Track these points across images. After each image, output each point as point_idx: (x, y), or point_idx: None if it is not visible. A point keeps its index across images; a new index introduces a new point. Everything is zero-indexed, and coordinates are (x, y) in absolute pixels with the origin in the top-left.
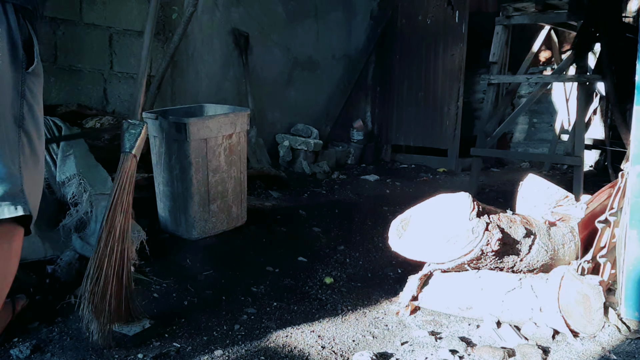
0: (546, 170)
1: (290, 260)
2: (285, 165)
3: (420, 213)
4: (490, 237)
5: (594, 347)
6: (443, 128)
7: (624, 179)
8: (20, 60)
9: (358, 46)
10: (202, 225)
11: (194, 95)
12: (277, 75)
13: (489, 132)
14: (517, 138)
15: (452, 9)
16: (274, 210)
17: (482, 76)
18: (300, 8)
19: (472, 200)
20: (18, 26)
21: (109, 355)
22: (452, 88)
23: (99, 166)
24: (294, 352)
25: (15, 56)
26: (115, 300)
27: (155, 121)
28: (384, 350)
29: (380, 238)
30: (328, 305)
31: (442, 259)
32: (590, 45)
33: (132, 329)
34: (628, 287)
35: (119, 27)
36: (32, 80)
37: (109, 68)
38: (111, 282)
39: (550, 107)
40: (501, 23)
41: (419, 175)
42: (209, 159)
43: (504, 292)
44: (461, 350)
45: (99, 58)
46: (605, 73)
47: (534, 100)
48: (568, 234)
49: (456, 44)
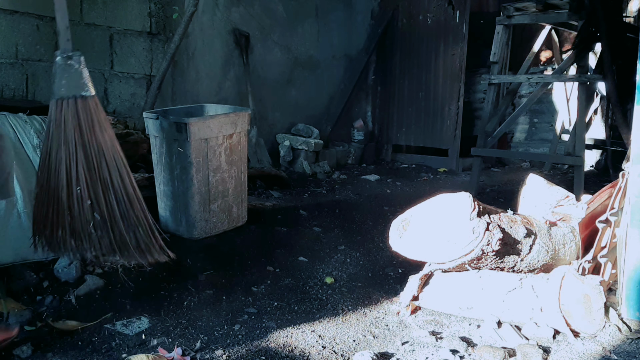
0: (547, 170)
1: (290, 260)
2: (286, 165)
3: (420, 213)
4: (490, 237)
5: (594, 347)
6: (444, 128)
7: (625, 178)
8: None
9: (359, 46)
10: (202, 225)
11: (194, 95)
12: (277, 75)
13: (490, 132)
14: (517, 138)
15: (453, 8)
16: (275, 210)
17: (483, 76)
18: (301, 8)
19: (472, 200)
20: None
21: (109, 354)
22: (453, 88)
23: None
24: (295, 352)
25: None
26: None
27: (155, 121)
28: (385, 350)
29: (380, 238)
30: (329, 305)
31: (442, 258)
32: (591, 45)
33: (132, 329)
34: (629, 287)
35: (119, 27)
36: None
37: (110, 68)
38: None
39: (550, 107)
40: (502, 23)
41: (420, 175)
42: (210, 159)
43: (505, 292)
44: (462, 350)
45: (100, 58)
46: (606, 73)
47: (535, 100)
48: (569, 233)
49: (457, 44)
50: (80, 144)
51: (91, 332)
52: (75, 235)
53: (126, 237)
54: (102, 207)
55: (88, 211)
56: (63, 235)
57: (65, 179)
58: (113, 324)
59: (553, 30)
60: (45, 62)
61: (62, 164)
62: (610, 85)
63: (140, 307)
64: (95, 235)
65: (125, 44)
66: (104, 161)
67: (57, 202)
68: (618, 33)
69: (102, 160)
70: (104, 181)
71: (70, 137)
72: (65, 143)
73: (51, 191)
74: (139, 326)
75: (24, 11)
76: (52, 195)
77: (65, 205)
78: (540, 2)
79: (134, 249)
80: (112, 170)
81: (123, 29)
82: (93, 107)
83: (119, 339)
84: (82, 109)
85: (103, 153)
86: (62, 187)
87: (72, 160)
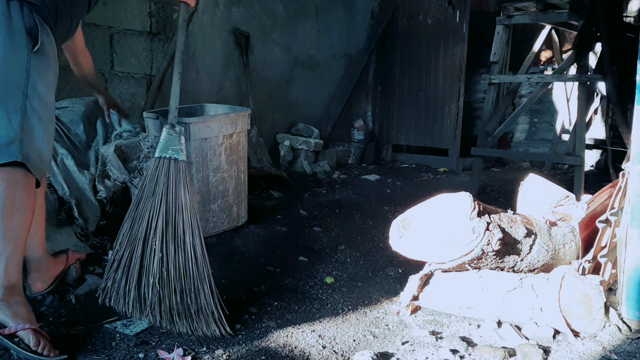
0: (547, 170)
1: (291, 259)
2: (286, 165)
3: (421, 213)
4: (491, 237)
5: (594, 347)
6: (444, 128)
7: (625, 178)
8: (19, 42)
9: (359, 46)
10: (202, 224)
11: (194, 95)
12: (277, 75)
13: (490, 131)
14: (517, 138)
15: (453, 8)
16: (275, 210)
17: (483, 76)
18: (301, 7)
19: (472, 200)
20: (21, 17)
21: (109, 354)
22: (453, 88)
23: None
24: (295, 352)
25: (14, 39)
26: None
27: (155, 121)
28: (385, 350)
29: (381, 238)
30: (329, 305)
31: (442, 258)
32: (591, 44)
33: (132, 329)
34: (629, 286)
35: (119, 27)
36: (38, 58)
37: (110, 68)
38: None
39: (551, 107)
40: (502, 23)
41: (420, 175)
42: (210, 159)
43: (505, 291)
44: (462, 350)
45: (100, 58)
46: (606, 73)
47: (535, 99)
48: (569, 233)
49: (457, 44)
50: (165, 200)
51: (91, 332)
52: (140, 286)
53: (186, 299)
54: (170, 263)
55: (158, 265)
56: (127, 287)
57: (145, 229)
58: (113, 323)
59: (553, 30)
60: None
61: (146, 214)
62: (611, 85)
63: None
64: (157, 290)
65: (125, 44)
66: (181, 219)
67: (133, 250)
68: (618, 33)
69: (179, 218)
70: (178, 238)
71: (158, 191)
72: (153, 195)
73: (131, 238)
74: (139, 326)
75: None
76: (130, 241)
77: (139, 254)
78: (540, 2)
79: (194, 313)
80: (186, 228)
81: (123, 29)
82: (182, 169)
83: (119, 339)
84: (173, 169)
85: (182, 211)
86: (140, 236)
87: (155, 213)
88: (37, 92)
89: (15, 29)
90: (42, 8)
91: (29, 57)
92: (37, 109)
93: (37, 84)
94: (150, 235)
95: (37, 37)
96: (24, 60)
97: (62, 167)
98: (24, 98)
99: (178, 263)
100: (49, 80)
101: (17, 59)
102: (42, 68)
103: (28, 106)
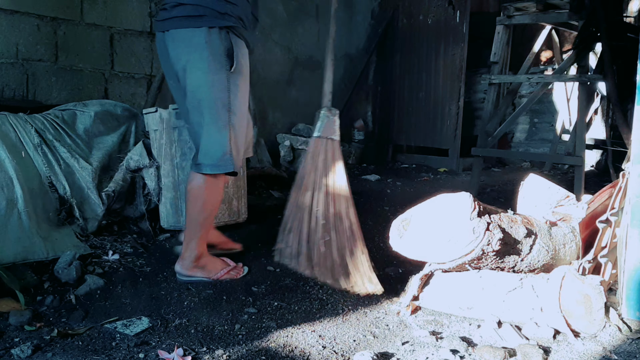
0: (547, 170)
1: None
2: (287, 165)
3: (421, 213)
4: (491, 237)
5: (595, 347)
6: (444, 128)
7: (625, 178)
8: (220, 65)
9: (359, 46)
10: None
11: None
12: (278, 75)
13: (490, 131)
14: (518, 138)
15: (453, 8)
16: (275, 210)
17: (483, 76)
18: (301, 7)
19: (473, 200)
20: (220, 41)
21: (109, 354)
22: (453, 88)
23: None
24: (295, 352)
25: (216, 63)
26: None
27: (155, 114)
28: (385, 350)
29: (381, 238)
30: (329, 305)
31: (443, 258)
32: (592, 45)
33: (132, 329)
34: (629, 287)
35: (120, 27)
36: (235, 77)
37: (110, 68)
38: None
39: (551, 107)
40: (502, 23)
41: (420, 175)
42: None
43: (505, 292)
44: (462, 350)
45: (100, 58)
46: (607, 73)
47: (535, 100)
48: (569, 233)
49: (457, 44)
50: (324, 174)
51: (91, 332)
52: (308, 248)
53: (344, 259)
54: (330, 228)
55: (321, 230)
56: (298, 248)
57: (309, 200)
58: (113, 323)
59: (553, 30)
60: (45, 62)
61: (310, 187)
62: (611, 85)
63: (141, 306)
64: (322, 252)
65: (125, 44)
66: (337, 191)
67: (300, 218)
68: (618, 33)
69: (336, 189)
70: (335, 207)
71: (318, 167)
72: (314, 171)
73: (297, 208)
74: (139, 326)
75: (24, 11)
76: (297, 211)
77: (305, 222)
78: (540, 2)
79: (351, 272)
80: (342, 201)
81: (123, 29)
82: (337, 148)
83: (119, 339)
84: (330, 148)
85: (337, 185)
86: (305, 206)
87: (317, 186)
88: (236, 106)
89: (216, 52)
90: (238, 27)
91: (227, 76)
92: (234, 123)
93: (235, 99)
94: (314, 204)
95: (233, 57)
96: (225, 80)
97: (65, 167)
98: (229, 114)
99: (337, 228)
100: (243, 93)
101: (220, 81)
102: (237, 84)
103: (232, 120)
